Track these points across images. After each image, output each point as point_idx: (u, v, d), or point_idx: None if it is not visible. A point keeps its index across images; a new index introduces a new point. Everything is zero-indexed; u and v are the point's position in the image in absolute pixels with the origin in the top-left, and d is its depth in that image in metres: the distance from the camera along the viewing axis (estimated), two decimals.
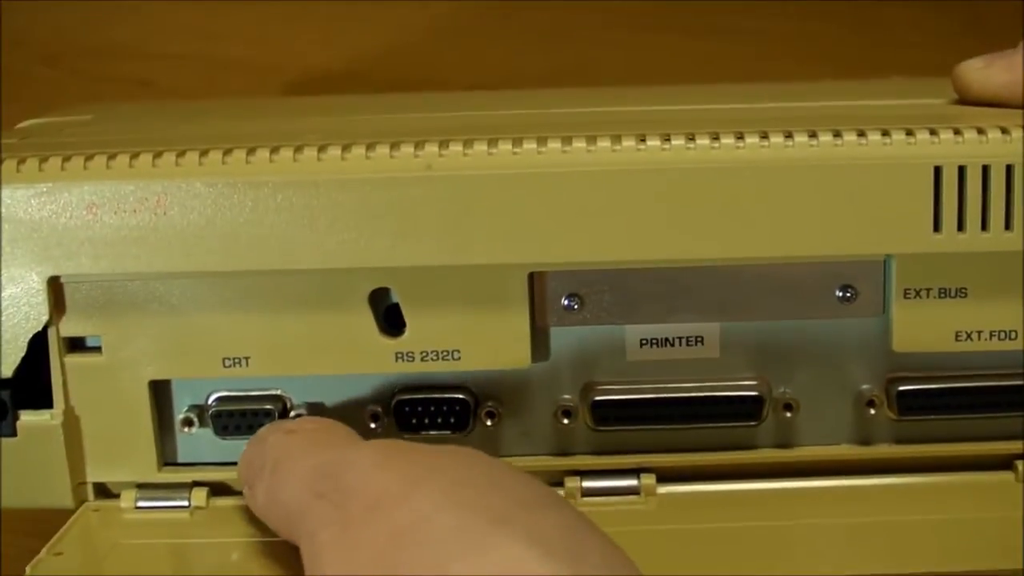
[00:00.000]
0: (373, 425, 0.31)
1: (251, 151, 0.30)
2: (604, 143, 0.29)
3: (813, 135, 0.30)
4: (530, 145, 0.30)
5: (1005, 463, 0.32)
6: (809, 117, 0.32)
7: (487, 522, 0.23)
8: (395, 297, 0.31)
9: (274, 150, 0.30)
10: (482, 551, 0.23)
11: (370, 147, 0.30)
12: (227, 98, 0.55)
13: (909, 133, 0.30)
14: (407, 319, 0.31)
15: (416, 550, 0.23)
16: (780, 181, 0.29)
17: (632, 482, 0.32)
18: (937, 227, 0.30)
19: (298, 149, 0.30)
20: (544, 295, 0.31)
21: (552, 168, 0.29)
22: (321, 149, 0.30)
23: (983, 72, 0.34)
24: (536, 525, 0.23)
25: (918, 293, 0.31)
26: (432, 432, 0.31)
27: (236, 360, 0.31)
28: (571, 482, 0.32)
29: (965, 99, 0.35)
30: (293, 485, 0.27)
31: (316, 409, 0.32)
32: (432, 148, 0.30)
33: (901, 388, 0.31)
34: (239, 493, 0.33)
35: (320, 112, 0.40)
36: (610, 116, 0.35)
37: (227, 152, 0.30)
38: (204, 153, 0.30)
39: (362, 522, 0.24)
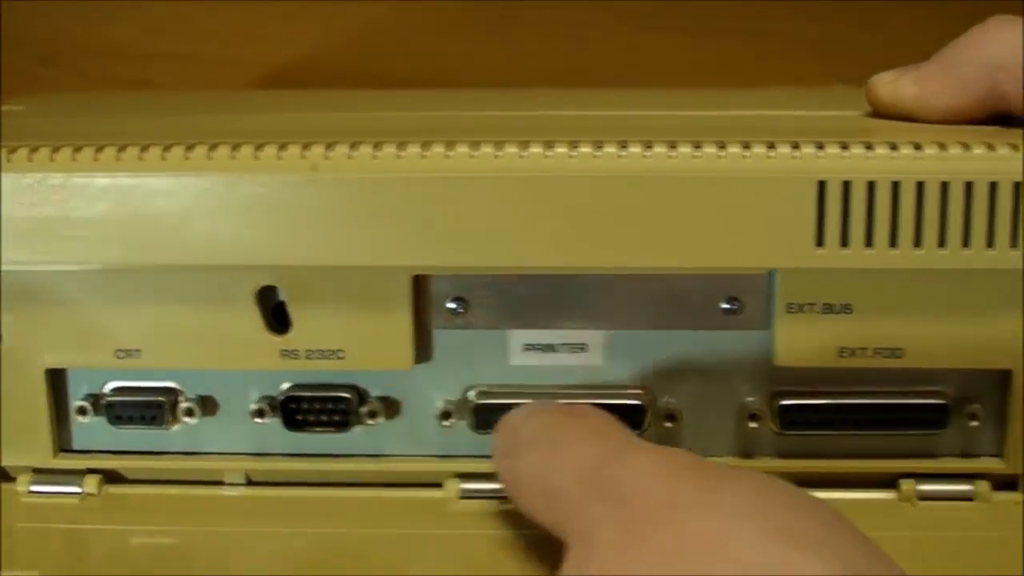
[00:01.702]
0: (260, 420, 0.31)
1: (144, 148, 0.29)
2: (487, 148, 0.28)
3: (697, 146, 0.28)
4: (414, 149, 0.28)
5: (889, 482, 0.31)
6: (705, 127, 0.31)
7: (796, 546, 0.21)
8: (282, 295, 0.30)
9: (166, 147, 0.29)
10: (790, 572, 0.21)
11: (259, 147, 0.29)
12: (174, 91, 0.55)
13: (795, 147, 0.28)
14: (292, 318, 0.30)
15: (712, 564, 0.21)
16: (662, 191, 0.28)
17: None
18: (820, 242, 0.28)
19: (189, 147, 0.29)
20: (428, 297, 0.30)
21: (435, 172, 0.28)
22: (212, 147, 0.29)
23: (892, 84, 0.33)
24: (846, 554, 0.21)
25: (801, 308, 0.29)
26: (317, 429, 0.31)
27: (129, 352, 0.30)
28: (450, 484, 0.31)
29: (877, 112, 0.33)
30: (569, 473, 0.25)
31: (206, 403, 0.31)
32: (318, 149, 0.29)
33: (783, 403, 0.30)
34: (133, 481, 0.32)
35: (238, 109, 0.39)
36: (503, 120, 0.34)
37: (121, 148, 0.29)
38: (100, 149, 0.29)
39: (648, 528, 0.23)
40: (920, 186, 0.28)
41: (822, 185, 0.28)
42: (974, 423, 0.30)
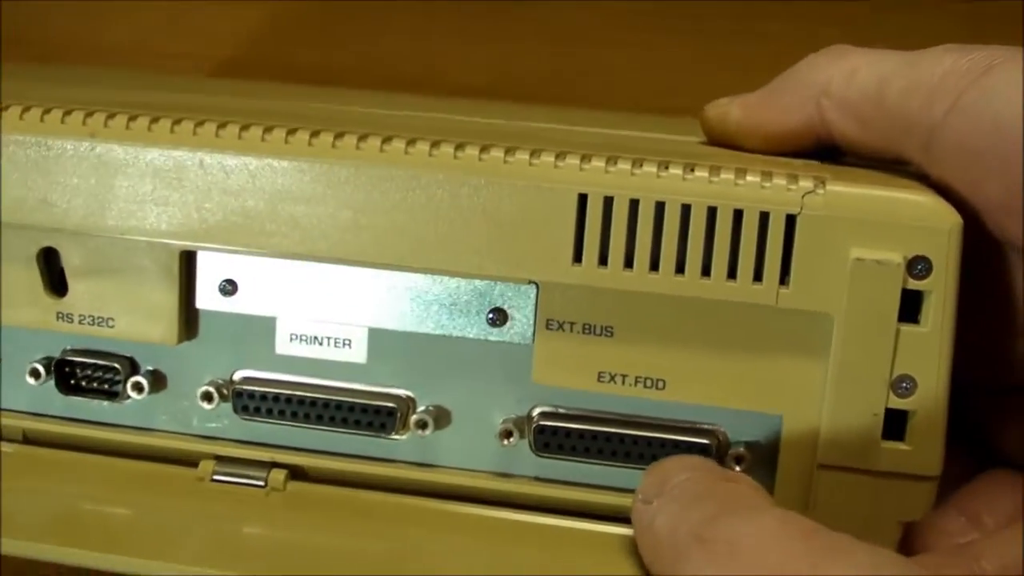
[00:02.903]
0: (34, 381, 0.31)
1: None
2: (255, 130, 0.28)
3: (460, 147, 0.27)
4: (188, 124, 0.28)
5: None
6: (488, 133, 0.30)
7: None
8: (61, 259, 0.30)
9: None
10: None
11: (46, 111, 0.29)
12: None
13: (559, 156, 0.27)
14: (68, 281, 0.30)
15: None
16: (419, 188, 0.27)
17: (260, 474, 0.30)
18: (578, 258, 0.27)
19: None
20: (198, 276, 0.29)
21: (201, 149, 0.28)
22: (5, 108, 0.29)
23: (722, 110, 0.31)
24: None
25: (561, 326, 0.28)
26: (88, 396, 0.30)
27: None
28: (205, 464, 0.30)
29: (709, 138, 0.31)
30: (689, 524, 0.24)
31: None
32: (99, 117, 0.29)
33: (540, 423, 0.28)
34: None
35: (78, 82, 0.40)
36: (290, 108, 0.34)
37: None
38: None
39: None
40: (686, 209, 0.26)
41: (583, 198, 0.27)
42: (738, 467, 0.28)
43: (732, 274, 0.26)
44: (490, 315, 0.28)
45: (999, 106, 0.26)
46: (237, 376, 0.30)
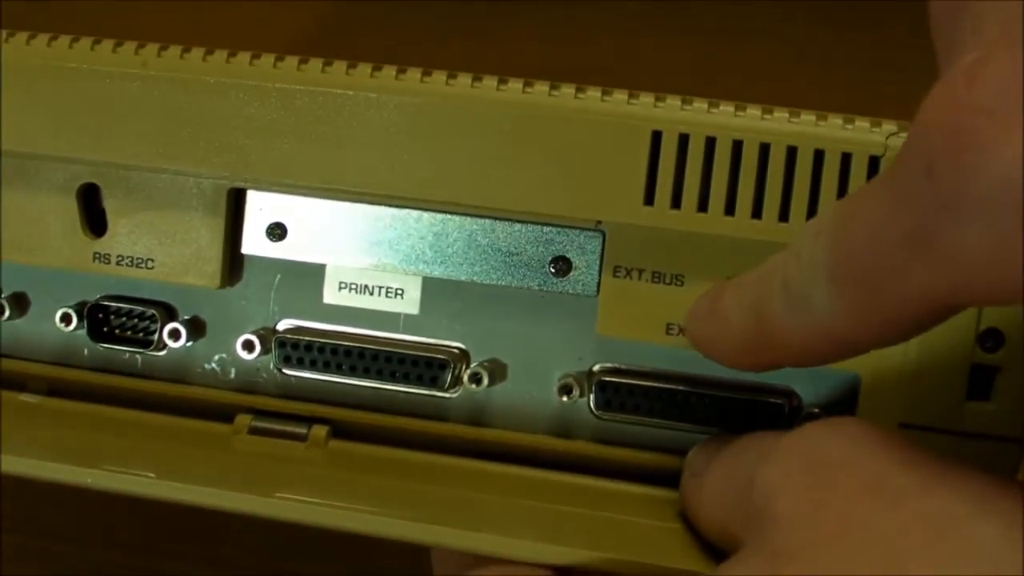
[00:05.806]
0: (64, 327, 0.29)
1: None
2: (316, 64, 0.27)
3: (529, 84, 0.27)
4: (244, 56, 0.27)
5: None
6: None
7: None
8: (102, 197, 0.29)
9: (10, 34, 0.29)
10: None
11: (97, 41, 0.28)
12: None
13: (633, 95, 0.26)
14: (109, 220, 0.29)
15: (949, 553, 0.18)
16: (487, 122, 0.26)
17: (300, 429, 0.28)
18: (650, 199, 0.26)
19: (32, 35, 0.29)
20: (246, 219, 0.28)
21: (262, 79, 0.27)
22: (53, 38, 0.29)
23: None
24: None
25: (628, 273, 0.27)
26: (121, 344, 0.29)
27: None
28: (242, 419, 0.28)
29: None
30: (733, 469, 0.22)
31: (17, 300, 0.30)
32: (152, 48, 0.28)
33: (602, 379, 0.27)
34: None
35: None
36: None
37: None
38: None
39: (848, 503, 0.19)
40: (765, 149, 0.26)
41: (657, 136, 0.26)
42: None
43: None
44: (552, 264, 0.27)
45: None
46: (281, 325, 0.29)
